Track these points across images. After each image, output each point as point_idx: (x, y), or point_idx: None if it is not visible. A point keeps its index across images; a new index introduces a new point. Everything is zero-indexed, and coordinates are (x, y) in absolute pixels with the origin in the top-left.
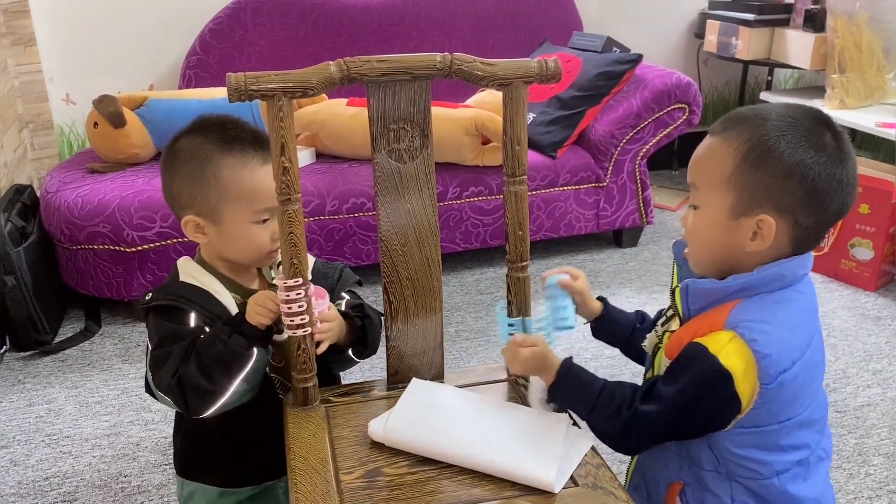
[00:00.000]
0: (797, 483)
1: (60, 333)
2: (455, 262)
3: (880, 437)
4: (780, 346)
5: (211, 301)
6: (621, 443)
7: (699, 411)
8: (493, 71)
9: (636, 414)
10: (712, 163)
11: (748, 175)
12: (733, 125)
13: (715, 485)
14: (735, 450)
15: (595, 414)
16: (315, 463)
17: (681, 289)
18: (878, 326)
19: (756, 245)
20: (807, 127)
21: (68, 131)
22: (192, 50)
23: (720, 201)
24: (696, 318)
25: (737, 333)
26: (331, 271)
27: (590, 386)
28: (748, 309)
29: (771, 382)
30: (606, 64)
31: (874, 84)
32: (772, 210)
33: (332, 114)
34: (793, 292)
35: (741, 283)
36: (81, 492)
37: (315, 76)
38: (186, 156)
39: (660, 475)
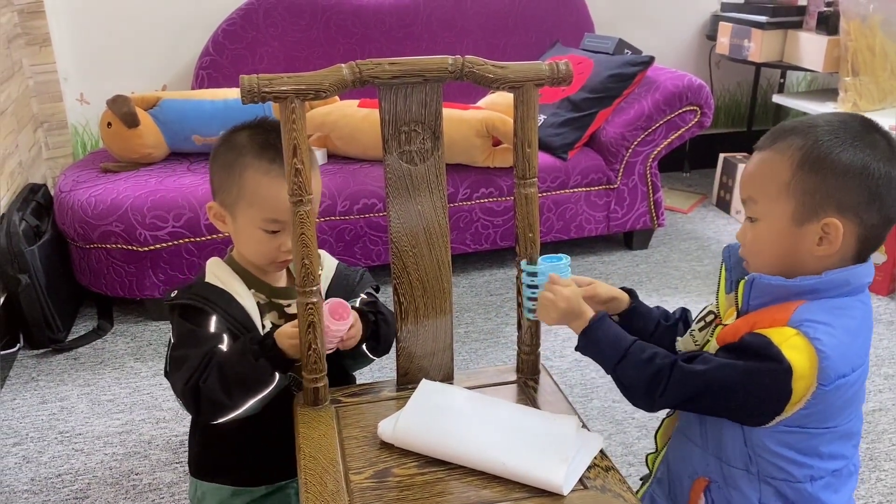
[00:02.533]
0: (828, 492)
1: (73, 332)
2: (465, 263)
3: (892, 442)
4: (842, 349)
5: (231, 304)
6: (647, 395)
7: (745, 392)
8: (505, 74)
9: (674, 365)
10: (767, 174)
11: (807, 180)
12: (782, 137)
13: (744, 483)
14: (774, 447)
15: (623, 363)
16: (325, 463)
17: (745, 281)
18: (891, 331)
19: (824, 249)
20: (857, 129)
21: (82, 131)
22: (204, 51)
23: (781, 210)
24: (756, 312)
25: (801, 331)
26: (353, 274)
27: (622, 337)
28: (813, 310)
29: (829, 384)
30: (618, 66)
31: (887, 87)
32: (835, 212)
33: (343, 115)
34: (856, 301)
35: (809, 284)
36: (93, 489)
37: (327, 79)
38: (229, 146)
39: (684, 470)
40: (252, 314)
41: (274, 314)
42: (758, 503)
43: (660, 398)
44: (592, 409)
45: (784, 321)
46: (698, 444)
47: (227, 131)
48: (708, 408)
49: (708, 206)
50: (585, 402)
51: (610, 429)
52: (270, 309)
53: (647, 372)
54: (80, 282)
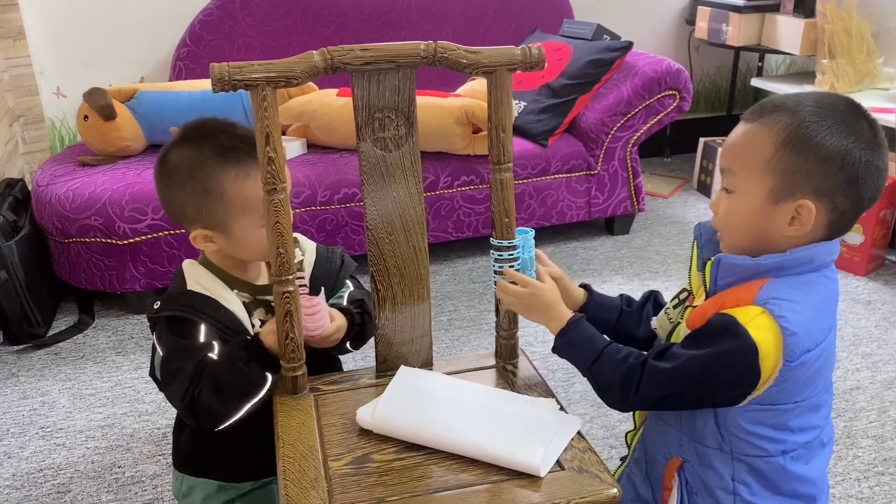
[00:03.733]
0: (800, 464)
1: (54, 326)
2: (447, 251)
3: (869, 419)
4: (806, 326)
5: (219, 310)
6: (621, 395)
7: (715, 380)
8: (478, 59)
9: (645, 365)
10: (750, 148)
11: (789, 160)
12: (770, 111)
13: (717, 462)
14: (746, 426)
15: (598, 364)
16: (304, 450)
17: (712, 262)
18: (868, 310)
19: (794, 230)
20: (844, 113)
21: (59, 125)
22: (182, 42)
23: (759, 186)
24: (723, 292)
25: (766, 309)
26: (332, 256)
27: (597, 338)
28: (778, 287)
29: (794, 360)
30: (597, 51)
31: (864, 69)
32: (811, 195)
33: (322, 104)
34: (821, 277)
35: (774, 262)
36: (75, 483)
37: (299, 65)
38: (186, 172)
39: (659, 451)
40: (241, 316)
41: (261, 311)
42: (731, 480)
43: (633, 397)
44: (574, 392)
45: (750, 300)
46: (672, 424)
47: (161, 160)
48: (683, 403)
49: (689, 191)
50: (567, 385)
51: (591, 412)
52: (257, 306)
53: (620, 372)
54: (60, 276)
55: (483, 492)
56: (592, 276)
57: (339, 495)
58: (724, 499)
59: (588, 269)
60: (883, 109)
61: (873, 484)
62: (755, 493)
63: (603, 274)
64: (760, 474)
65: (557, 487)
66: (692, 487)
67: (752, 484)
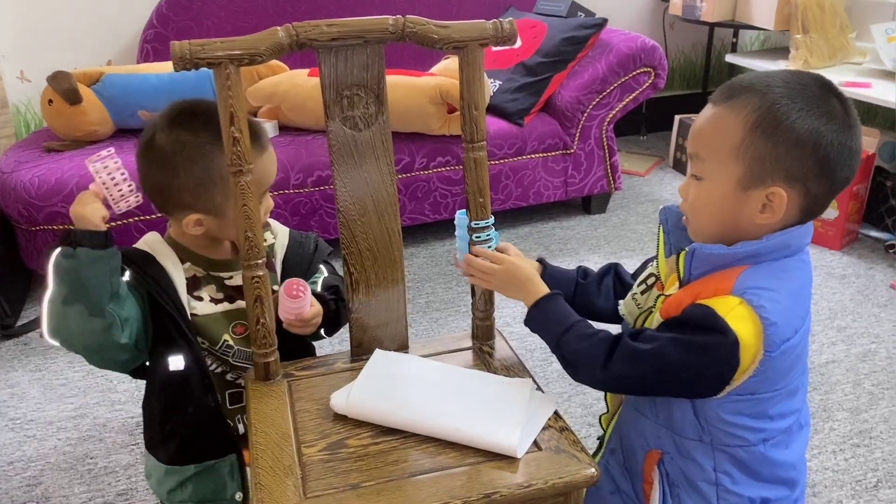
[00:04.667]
0: (780, 450)
1: (23, 316)
2: (424, 233)
3: (844, 392)
4: (785, 314)
5: (150, 263)
6: (589, 369)
7: (692, 369)
8: (448, 34)
9: (619, 340)
10: (719, 133)
11: (759, 145)
12: (738, 93)
13: (697, 453)
14: (726, 416)
15: (566, 337)
16: (277, 437)
17: (686, 253)
18: (843, 284)
19: (766, 217)
20: (815, 93)
21: (24, 110)
22: (149, 23)
23: (728, 173)
24: (698, 281)
25: (744, 300)
26: (306, 241)
27: (569, 315)
28: (755, 276)
29: (775, 350)
30: (571, 29)
31: (837, 44)
32: (783, 181)
33: (293, 85)
34: (797, 261)
35: (750, 250)
36: (47, 475)
37: (263, 42)
38: (184, 157)
39: (637, 443)
40: (174, 276)
41: (212, 287)
42: (713, 471)
43: (604, 372)
44: (552, 371)
45: (727, 290)
46: (649, 416)
47: (148, 143)
48: (657, 387)
49: (665, 169)
50: (545, 365)
51: (569, 390)
52: (209, 282)
53: (587, 345)
54: (28, 265)
55: (460, 474)
56: (570, 255)
57: (314, 482)
58: (707, 490)
59: (565, 249)
60: (856, 84)
61: (849, 456)
62: (738, 483)
63: (580, 253)
64: (742, 463)
65: (535, 468)
66: (673, 480)
67: (735, 473)
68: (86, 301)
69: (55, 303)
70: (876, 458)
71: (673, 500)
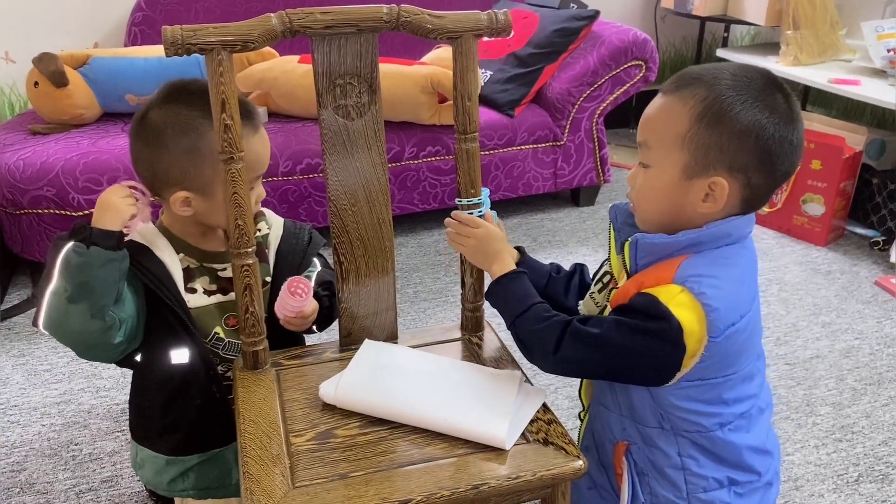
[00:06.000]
0: (740, 434)
1: (6, 301)
2: (413, 222)
3: (827, 387)
4: (728, 300)
5: (147, 255)
6: (541, 352)
7: (638, 353)
8: (442, 24)
9: (568, 324)
10: (666, 122)
11: (703, 135)
12: (687, 84)
13: (661, 441)
14: (679, 403)
15: (524, 317)
16: (265, 426)
17: (630, 243)
18: (828, 280)
19: (708, 206)
20: (760, 87)
21: (9, 91)
22: (137, 6)
23: (673, 161)
24: (643, 272)
25: (686, 287)
26: (300, 232)
27: (530, 295)
28: (696, 264)
29: (719, 336)
30: (563, 20)
31: (827, 41)
32: (725, 171)
33: (283, 71)
34: (739, 248)
35: (690, 238)
36: (30, 461)
37: (256, 28)
38: (175, 131)
39: (605, 437)
40: (172, 269)
41: (205, 279)
42: (678, 456)
43: (555, 355)
44: None
45: (669, 279)
46: (612, 409)
47: (141, 120)
48: (606, 370)
49: None
50: None
51: (557, 382)
52: (202, 273)
53: (542, 327)
54: (12, 249)
55: (448, 465)
56: (558, 247)
57: (302, 471)
58: (675, 476)
59: (554, 241)
60: (845, 81)
61: (831, 450)
62: (703, 466)
63: (569, 245)
64: (704, 448)
65: (523, 460)
66: (642, 469)
67: (699, 457)
68: (91, 302)
69: (58, 297)
70: (857, 452)
71: (643, 488)
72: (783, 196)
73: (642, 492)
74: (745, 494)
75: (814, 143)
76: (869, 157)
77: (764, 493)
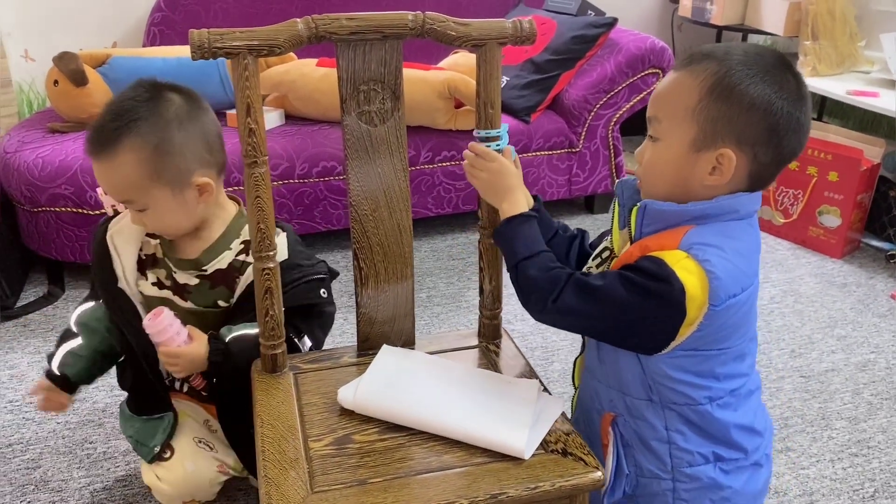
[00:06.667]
0: (728, 411)
1: (22, 298)
2: (427, 227)
3: (843, 401)
4: (731, 271)
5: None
6: (540, 299)
7: (639, 312)
8: (467, 31)
9: (572, 275)
10: (676, 95)
11: (713, 108)
12: (698, 60)
13: (648, 413)
14: (671, 372)
15: (528, 262)
16: (283, 430)
17: (638, 208)
18: (844, 293)
19: (714, 179)
20: (771, 65)
21: (28, 89)
22: (156, 6)
23: (682, 134)
24: (647, 238)
25: (690, 254)
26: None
27: (539, 241)
28: (702, 233)
29: (720, 304)
30: (581, 27)
31: (846, 52)
32: (733, 144)
33: (301, 74)
34: (745, 225)
35: (699, 209)
36: (45, 458)
37: (282, 34)
38: (205, 105)
39: (592, 407)
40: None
41: (163, 272)
42: (664, 430)
43: (552, 304)
44: (553, 371)
45: (674, 245)
46: (601, 380)
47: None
48: (602, 327)
49: None
50: (546, 364)
51: (570, 391)
52: (161, 266)
53: (546, 275)
54: (29, 246)
55: (466, 474)
56: None
57: (321, 476)
58: (660, 449)
59: None
60: (864, 93)
61: (847, 465)
62: (689, 441)
63: None
64: (691, 422)
65: (542, 470)
66: (627, 441)
67: (686, 431)
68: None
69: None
70: (874, 468)
71: (628, 460)
72: (799, 207)
73: (627, 464)
74: (731, 472)
75: (831, 154)
76: (886, 170)
77: (752, 473)
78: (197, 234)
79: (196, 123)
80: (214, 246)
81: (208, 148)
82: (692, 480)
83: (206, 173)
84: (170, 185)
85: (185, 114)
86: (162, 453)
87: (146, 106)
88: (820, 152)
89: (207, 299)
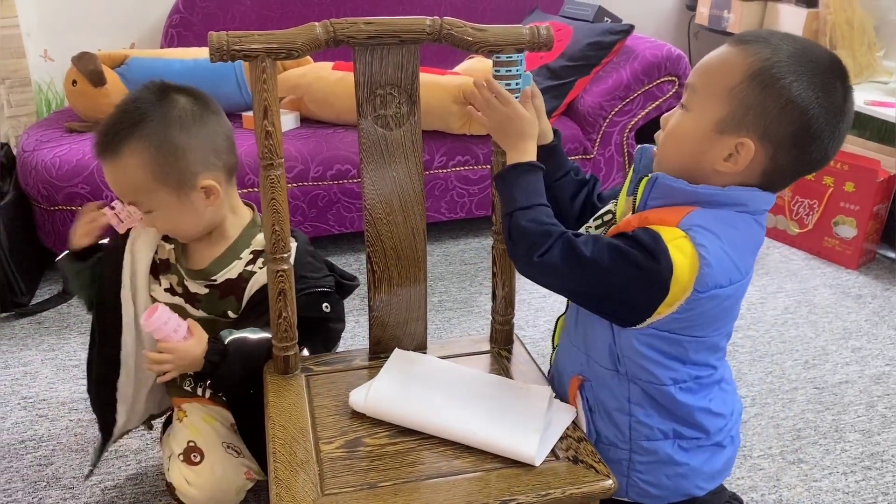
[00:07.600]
0: (687, 395)
1: (38, 295)
2: (440, 231)
3: (857, 413)
4: (723, 261)
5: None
6: (528, 251)
7: (622, 281)
8: (484, 37)
9: (564, 233)
10: (719, 70)
11: (750, 94)
12: (752, 40)
13: (613, 383)
14: (640, 348)
15: (523, 212)
16: (294, 432)
17: (648, 179)
18: (859, 304)
19: (727, 166)
20: (823, 69)
21: (46, 88)
22: (174, 8)
23: (712, 110)
24: (650, 210)
25: (688, 235)
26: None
27: (539, 194)
28: (704, 216)
29: (705, 292)
30: (597, 34)
31: (864, 62)
32: (757, 136)
33: (317, 77)
34: (750, 220)
35: (710, 193)
36: (58, 455)
37: (300, 37)
38: (215, 108)
39: (565, 369)
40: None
41: (175, 277)
42: (626, 402)
43: (538, 258)
44: None
45: (675, 222)
46: (574, 344)
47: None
48: (582, 290)
49: None
50: None
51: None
52: (173, 273)
53: (538, 229)
54: (45, 244)
55: (477, 480)
56: None
57: (331, 479)
58: (620, 420)
59: None
60: (882, 103)
61: (860, 478)
62: (650, 416)
63: None
64: (654, 400)
65: (552, 477)
66: (592, 406)
67: (647, 407)
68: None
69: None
70: (887, 481)
71: (590, 425)
72: (814, 218)
73: (589, 429)
74: (690, 450)
75: (848, 164)
76: None
77: (713, 453)
78: (210, 239)
79: (202, 125)
80: (224, 256)
81: (215, 150)
82: (648, 454)
83: (213, 176)
84: (174, 186)
85: (190, 116)
86: (192, 456)
87: (151, 108)
88: (836, 162)
89: (217, 308)
